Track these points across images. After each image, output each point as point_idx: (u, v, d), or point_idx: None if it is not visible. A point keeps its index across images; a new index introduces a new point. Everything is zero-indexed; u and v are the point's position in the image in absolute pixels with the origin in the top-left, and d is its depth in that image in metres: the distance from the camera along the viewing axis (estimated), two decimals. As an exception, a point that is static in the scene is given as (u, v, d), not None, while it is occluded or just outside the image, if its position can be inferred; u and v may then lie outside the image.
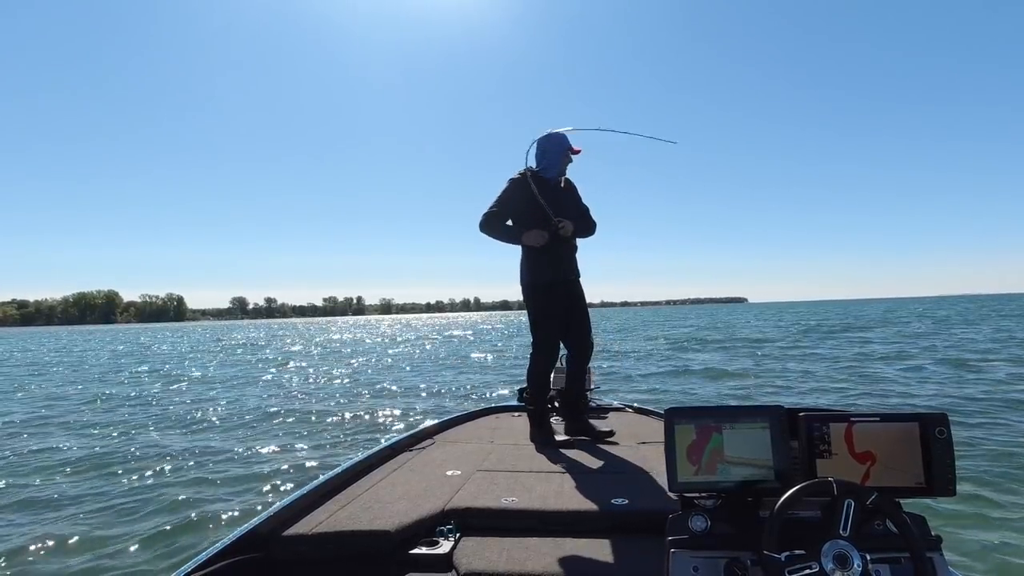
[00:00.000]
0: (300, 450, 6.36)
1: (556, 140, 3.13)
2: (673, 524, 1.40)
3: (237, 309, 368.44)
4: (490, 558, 1.69)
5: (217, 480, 5.21)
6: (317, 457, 5.95)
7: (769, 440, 1.42)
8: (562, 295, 3.13)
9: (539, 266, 3.09)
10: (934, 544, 1.30)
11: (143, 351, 29.10)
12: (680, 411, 1.47)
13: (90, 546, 3.78)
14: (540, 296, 3.10)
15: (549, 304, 3.10)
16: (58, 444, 6.92)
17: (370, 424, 7.85)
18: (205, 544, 3.38)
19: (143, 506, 4.53)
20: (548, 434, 3.06)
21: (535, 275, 3.10)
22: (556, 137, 3.14)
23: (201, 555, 1.60)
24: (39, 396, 11.60)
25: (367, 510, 1.96)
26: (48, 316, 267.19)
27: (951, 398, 7.98)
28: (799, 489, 1.25)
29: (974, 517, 3.60)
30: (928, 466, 1.36)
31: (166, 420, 8.52)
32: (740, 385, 10.38)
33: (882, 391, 8.99)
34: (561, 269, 3.14)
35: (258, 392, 11.58)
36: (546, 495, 2.09)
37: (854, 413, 1.41)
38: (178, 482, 5.20)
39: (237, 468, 5.61)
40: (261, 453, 6.24)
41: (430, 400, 9.88)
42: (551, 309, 3.11)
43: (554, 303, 3.11)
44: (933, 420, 1.37)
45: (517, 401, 4.31)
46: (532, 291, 3.11)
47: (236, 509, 4.37)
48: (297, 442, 6.74)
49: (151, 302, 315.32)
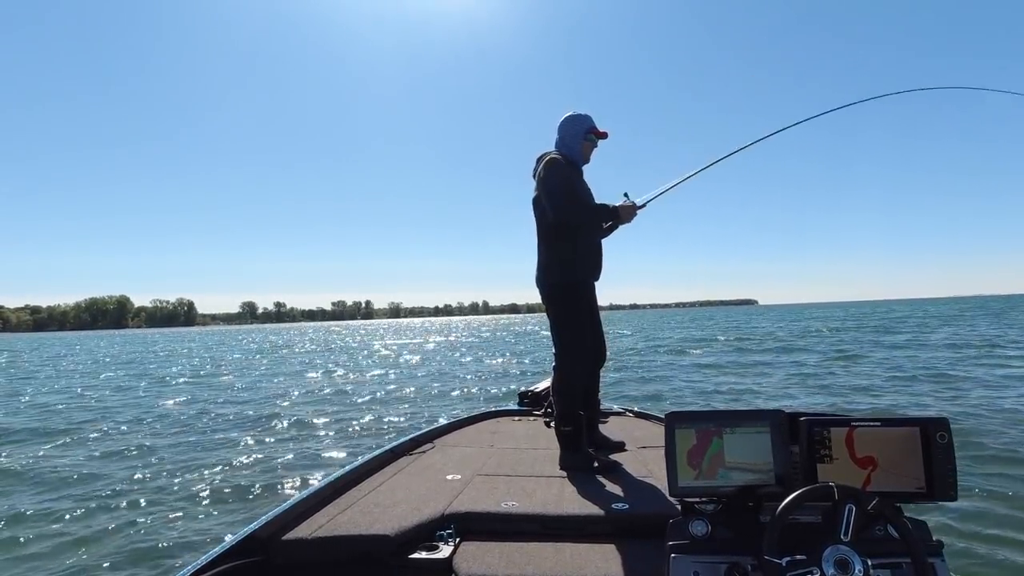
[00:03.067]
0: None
1: (574, 121, 2.87)
2: (673, 529, 1.40)
3: (247, 314, 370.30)
4: (490, 563, 1.68)
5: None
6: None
7: (770, 444, 1.42)
8: (589, 295, 2.91)
9: (574, 262, 2.81)
10: (935, 549, 1.29)
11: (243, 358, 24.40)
12: (681, 415, 1.47)
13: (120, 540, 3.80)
14: (569, 296, 2.81)
15: (578, 304, 2.83)
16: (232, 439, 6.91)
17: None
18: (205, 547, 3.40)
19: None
20: (588, 460, 2.62)
21: (564, 274, 2.80)
22: (576, 118, 2.87)
23: (200, 559, 1.60)
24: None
25: (367, 514, 1.96)
26: (60, 322, 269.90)
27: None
28: (800, 494, 1.24)
29: (975, 522, 3.55)
30: (929, 471, 1.35)
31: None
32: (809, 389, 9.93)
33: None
34: (599, 266, 2.91)
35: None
36: (546, 499, 2.08)
37: (855, 417, 1.41)
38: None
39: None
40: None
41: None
42: (579, 308, 2.83)
43: (582, 303, 2.85)
44: (934, 425, 1.37)
45: (517, 405, 4.30)
46: (561, 291, 2.81)
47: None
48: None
49: (162, 307, 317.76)
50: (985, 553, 3.17)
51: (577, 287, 2.82)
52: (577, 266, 2.81)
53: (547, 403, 4.06)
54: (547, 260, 2.83)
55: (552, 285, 2.82)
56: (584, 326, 2.83)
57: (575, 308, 2.80)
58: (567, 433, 2.69)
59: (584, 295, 2.86)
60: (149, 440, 7.28)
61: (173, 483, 5.25)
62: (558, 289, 2.81)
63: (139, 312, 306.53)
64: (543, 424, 3.75)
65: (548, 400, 4.07)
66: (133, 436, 7.59)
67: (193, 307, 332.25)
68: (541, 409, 4.06)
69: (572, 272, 2.80)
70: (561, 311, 2.81)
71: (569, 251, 2.79)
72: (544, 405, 4.06)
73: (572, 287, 2.81)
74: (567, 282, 2.80)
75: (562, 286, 2.80)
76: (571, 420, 2.68)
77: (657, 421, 3.52)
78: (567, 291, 2.80)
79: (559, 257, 2.80)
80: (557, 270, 2.80)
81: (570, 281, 2.80)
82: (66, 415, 9.65)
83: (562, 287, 2.80)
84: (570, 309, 2.80)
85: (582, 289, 2.85)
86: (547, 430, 3.58)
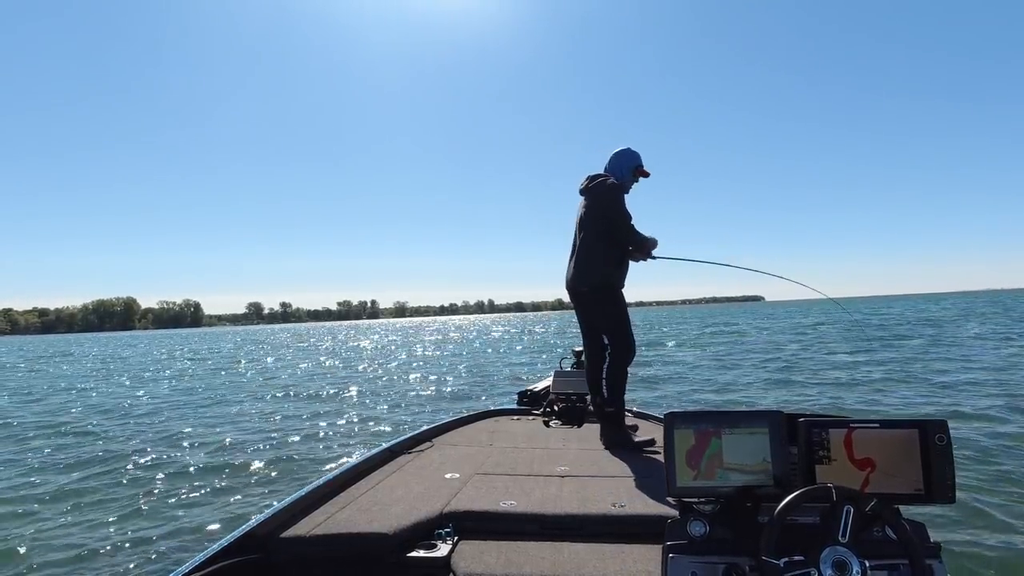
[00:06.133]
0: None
1: (627, 156, 3.37)
2: (672, 529, 1.39)
3: (253, 314, 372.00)
4: (488, 562, 1.68)
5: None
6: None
7: (768, 445, 1.41)
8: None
9: (621, 271, 3.30)
10: (933, 551, 1.28)
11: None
12: (679, 415, 1.47)
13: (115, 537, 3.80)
14: (622, 297, 3.29)
15: (625, 304, 3.29)
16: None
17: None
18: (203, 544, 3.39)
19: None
20: (628, 438, 3.04)
21: (619, 278, 3.29)
22: (628, 153, 3.37)
23: (199, 556, 1.60)
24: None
25: (365, 512, 1.97)
26: (68, 323, 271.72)
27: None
28: (798, 495, 1.24)
29: (974, 524, 3.53)
30: (927, 473, 1.34)
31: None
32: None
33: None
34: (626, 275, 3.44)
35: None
36: (544, 499, 2.08)
37: (854, 419, 1.40)
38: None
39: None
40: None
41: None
42: (626, 308, 3.30)
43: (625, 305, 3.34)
44: (933, 427, 1.36)
45: (517, 404, 4.30)
46: (616, 291, 3.27)
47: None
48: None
49: (168, 308, 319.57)
50: (983, 555, 3.15)
51: (623, 290, 3.32)
52: (624, 274, 3.32)
53: (546, 402, 4.07)
54: (605, 264, 3.25)
55: (612, 286, 3.26)
56: (631, 323, 3.27)
57: (625, 307, 3.28)
58: (612, 413, 3.12)
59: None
60: (151, 435, 7.33)
61: (172, 479, 5.28)
62: (616, 290, 3.28)
63: (146, 313, 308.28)
64: (542, 423, 3.75)
65: (547, 399, 4.07)
66: (133, 434, 7.63)
67: (200, 308, 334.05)
68: (540, 408, 4.06)
69: (622, 278, 3.31)
70: (617, 308, 3.25)
71: (621, 261, 3.30)
72: (543, 404, 4.06)
73: (622, 290, 3.30)
74: (620, 285, 3.30)
75: (617, 287, 3.28)
76: (617, 403, 3.12)
77: (656, 421, 3.52)
78: (620, 292, 3.29)
79: (616, 264, 3.27)
80: (615, 274, 3.27)
81: (622, 285, 3.31)
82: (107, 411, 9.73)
83: (616, 288, 3.28)
84: (623, 307, 3.27)
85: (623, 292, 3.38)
86: (546, 429, 3.58)
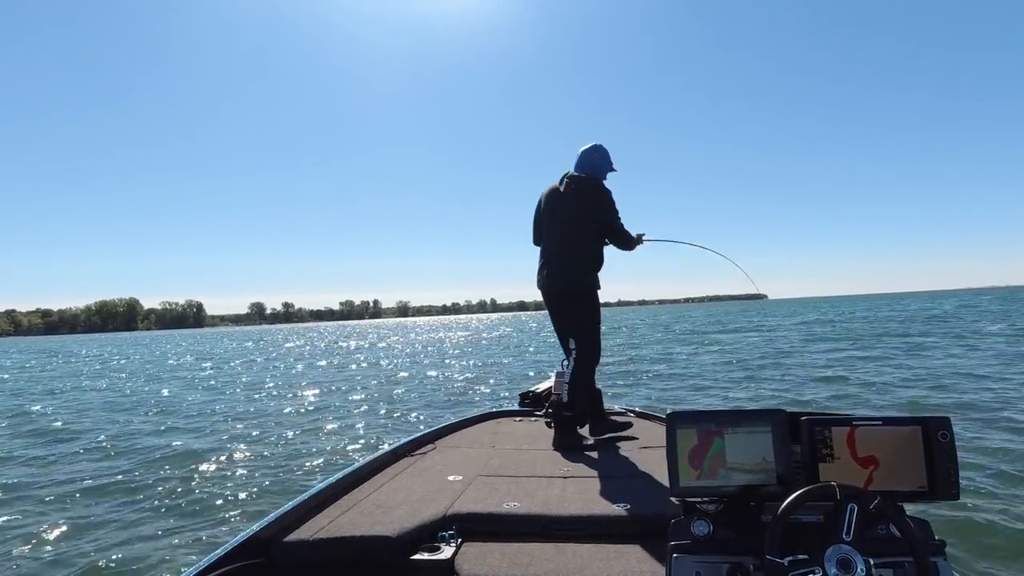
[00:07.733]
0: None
1: (604, 155, 3.28)
2: (675, 529, 1.39)
3: (256, 315, 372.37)
4: (492, 563, 1.68)
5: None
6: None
7: (771, 444, 1.41)
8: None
9: (597, 271, 3.19)
10: (937, 548, 1.28)
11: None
12: (682, 415, 1.46)
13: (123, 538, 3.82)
14: (597, 298, 3.18)
15: (600, 306, 3.21)
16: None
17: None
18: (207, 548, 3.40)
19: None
20: (578, 439, 3.03)
21: (596, 279, 3.17)
22: (604, 152, 3.28)
23: (203, 560, 1.61)
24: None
25: (369, 515, 1.97)
26: (71, 324, 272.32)
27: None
28: (802, 493, 1.23)
29: (978, 521, 3.52)
30: (931, 470, 1.34)
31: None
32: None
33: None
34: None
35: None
36: (548, 500, 2.08)
37: (856, 417, 1.40)
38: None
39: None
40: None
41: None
42: (600, 310, 3.22)
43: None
44: (936, 423, 1.35)
45: (519, 406, 4.28)
46: (593, 293, 3.16)
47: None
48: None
49: (171, 309, 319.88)
50: (988, 552, 3.15)
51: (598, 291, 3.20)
52: (599, 274, 3.20)
53: (548, 404, 4.04)
54: (586, 263, 3.13)
55: (590, 285, 3.14)
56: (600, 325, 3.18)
57: (599, 309, 3.18)
58: (568, 417, 3.02)
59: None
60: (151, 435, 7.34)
61: (173, 483, 5.28)
62: (593, 291, 3.16)
63: (148, 314, 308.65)
64: (544, 425, 3.73)
65: (550, 400, 4.05)
66: (134, 432, 7.64)
67: (202, 308, 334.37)
68: (542, 410, 4.05)
69: (597, 279, 3.18)
70: (591, 310, 3.15)
71: (601, 261, 3.19)
72: (546, 406, 4.04)
73: (598, 291, 3.18)
74: (598, 286, 3.17)
75: (594, 288, 3.16)
76: (575, 407, 3.03)
77: (658, 421, 3.51)
78: (596, 294, 3.18)
79: (597, 263, 3.17)
80: (595, 274, 3.16)
81: (599, 286, 3.18)
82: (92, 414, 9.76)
83: (594, 289, 3.16)
84: (597, 309, 3.18)
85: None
86: (548, 431, 3.55)
